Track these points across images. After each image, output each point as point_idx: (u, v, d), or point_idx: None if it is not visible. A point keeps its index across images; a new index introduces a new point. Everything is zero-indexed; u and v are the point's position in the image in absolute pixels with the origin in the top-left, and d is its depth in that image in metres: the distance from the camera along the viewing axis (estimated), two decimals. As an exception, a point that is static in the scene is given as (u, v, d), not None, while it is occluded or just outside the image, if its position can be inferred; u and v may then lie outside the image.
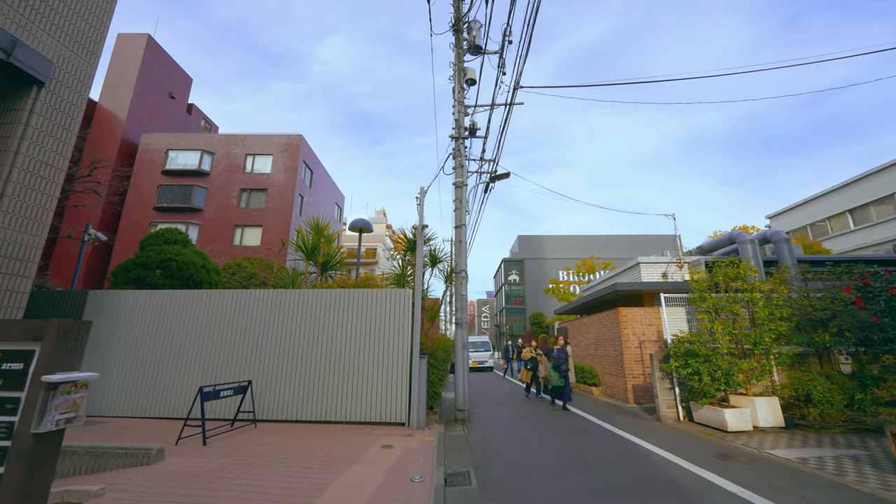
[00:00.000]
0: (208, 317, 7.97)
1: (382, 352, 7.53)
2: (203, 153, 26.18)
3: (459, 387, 8.23)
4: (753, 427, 6.54)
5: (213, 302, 8.05)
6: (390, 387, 7.37)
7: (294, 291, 7.91)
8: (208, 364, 7.73)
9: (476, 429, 7.38)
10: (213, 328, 7.90)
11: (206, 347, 7.81)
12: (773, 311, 6.77)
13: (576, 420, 8.00)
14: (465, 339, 8.51)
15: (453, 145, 9.59)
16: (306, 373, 7.50)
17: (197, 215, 25.04)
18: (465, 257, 8.89)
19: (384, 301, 7.77)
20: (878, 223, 18.10)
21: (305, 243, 9.23)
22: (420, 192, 8.32)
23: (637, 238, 39.18)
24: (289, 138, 27.20)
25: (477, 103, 9.78)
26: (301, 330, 7.71)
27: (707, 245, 11.83)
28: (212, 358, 7.76)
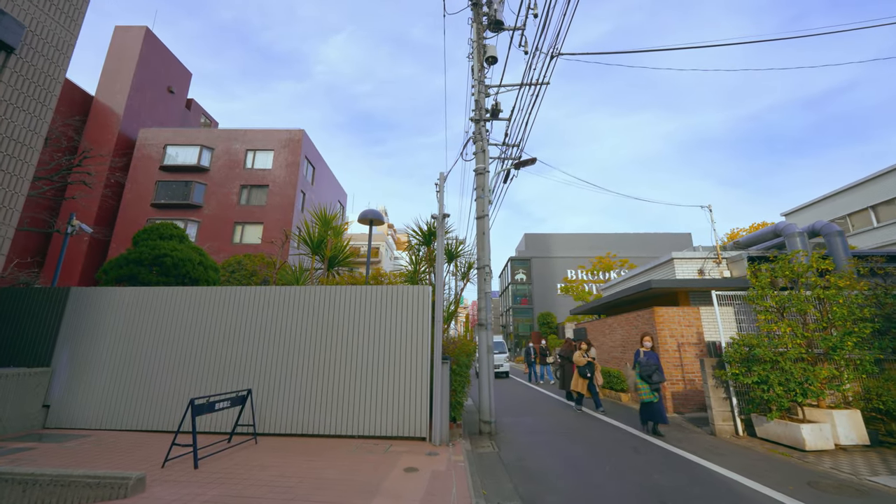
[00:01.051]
0: (203, 317, 7.10)
1: (399, 356, 6.65)
2: (202, 149, 25.36)
3: (484, 395, 7.34)
4: (835, 445, 5.64)
5: (208, 300, 7.18)
6: (409, 396, 6.48)
7: (299, 288, 7.03)
8: (203, 370, 6.85)
9: (506, 444, 6.48)
10: (209, 330, 7.02)
11: (201, 351, 6.93)
12: (853, 310, 5.87)
13: (618, 434, 7.09)
14: (489, 342, 7.62)
15: (473, 129, 8.71)
16: (313, 380, 6.62)
17: (196, 212, 24.20)
18: (488, 251, 8.00)
19: (400, 299, 6.89)
20: None
21: (311, 236, 8.35)
22: (440, 177, 7.44)
23: (646, 236, 38.23)
24: (290, 133, 26.37)
25: (502, 82, 8.88)
26: (307, 332, 6.83)
27: (745, 239, 10.92)
28: (207, 363, 6.87)
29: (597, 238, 37.76)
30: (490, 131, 8.81)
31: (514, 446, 6.36)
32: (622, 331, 11.32)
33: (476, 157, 8.51)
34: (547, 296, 35.98)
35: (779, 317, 6.45)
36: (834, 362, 5.90)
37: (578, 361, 9.24)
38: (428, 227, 8.71)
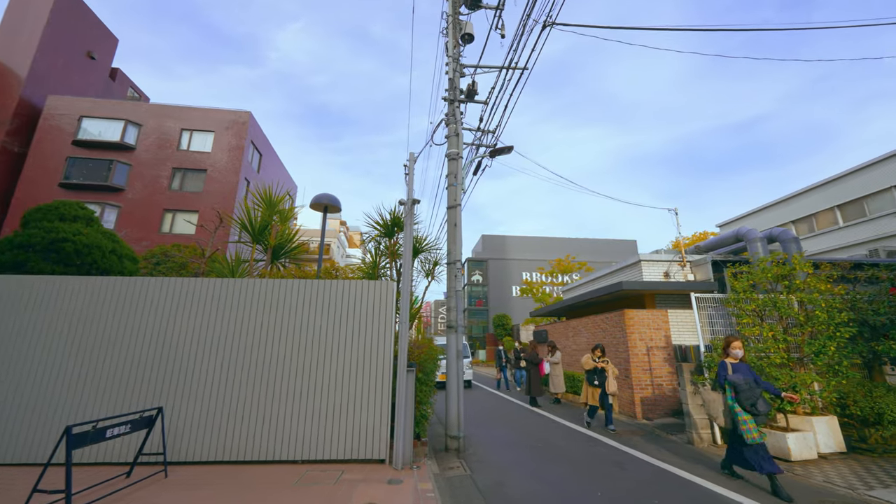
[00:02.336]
0: (97, 315, 5.60)
1: (356, 363, 5.62)
2: (128, 124, 22.30)
3: (452, 406, 6.50)
4: (818, 455, 5.45)
5: (104, 293, 5.69)
6: (367, 411, 5.48)
7: (232, 281, 5.77)
8: (94, 383, 5.37)
9: (479, 464, 5.67)
10: (105, 332, 5.54)
11: (92, 359, 5.45)
12: (833, 314, 5.78)
13: (596, 446, 6.55)
14: (459, 346, 6.79)
15: (446, 110, 7.88)
16: (247, 394, 5.40)
17: (117, 196, 21.17)
18: (459, 244, 7.19)
19: (359, 296, 5.87)
20: (845, 227, 18.84)
21: (252, 221, 7.04)
22: (409, 158, 6.51)
23: (596, 241, 39.61)
24: (235, 115, 23.99)
25: (479, 63, 8.12)
26: (242, 334, 5.60)
27: (706, 244, 11.06)
28: (100, 375, 5.40)
29: (551, 241, 38.47)
30: (464, 114, 8.02)
31: (488, 466, 5.57)
32: (588, 333, 11.01)
33: (448, 140, 7.68)
34: (502, 297, 35.98)
35: (758, 321, 6.27)
36: (815, 367, 5.77)
37: (586, 365, 7.97)
38: (391, 215, 7.73)
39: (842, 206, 20.28)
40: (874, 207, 18.92)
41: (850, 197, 19.59)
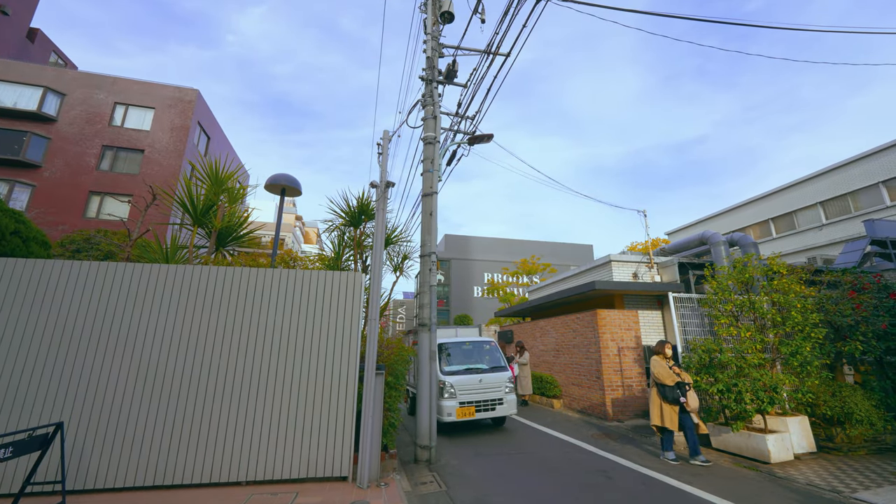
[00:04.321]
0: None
1: (317, 365, 4.86)
2: (47, 91, 19.54)
3: (423, 414, 5.86)
4: (794, 456, 5.42)
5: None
6: (328, 420, 4.73)
7: (161, 268, 4.79)
8: (-24, 393, 4.20)
9: (454, 477, 5.09)
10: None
11: (-24, 362, 4.26)
12: (807, 315, 5.82)
13: (572, 451, 6.20)
14: (433, 347, 6.18)
15: (423, 90, 7.25)
16: (177, 404, 4.47)
17: (30, 173, 18.41)
18: (434, 235, 6.58)
19: (322, 288, 5.10)
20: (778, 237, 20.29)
21: (194, 199, 6.00)
22: (384, 136, 5.82)
23: (555, 245, 40.53)
24: (180, 91, 21.82)
25: (460, 45, 7.56)
26: (172, 332, 4.64)
27: (671, 246, 11.26)
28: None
29: (512, 243, 38.81)
30: (442, 96, 7.44)
31: (465, 480, 5.00)
32: (556, 334, 10.81)
33: (425, 123, 7.06)
34: (464, 298, 35.72)
35: (734, 321, 6.24)
36: (790, 367, 5.78)
37: (662, 377, 5.62)
38: (359, 201, 6.96)
39: (775, 219, 22.02)
40: (802, 221, 20.67)
41: (781, 211, 21.33)
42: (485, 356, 8.26)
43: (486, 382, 7.44)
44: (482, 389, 7.37)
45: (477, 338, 8.95)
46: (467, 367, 7.74)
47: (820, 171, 19.85)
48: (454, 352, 8.04)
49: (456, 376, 7.38)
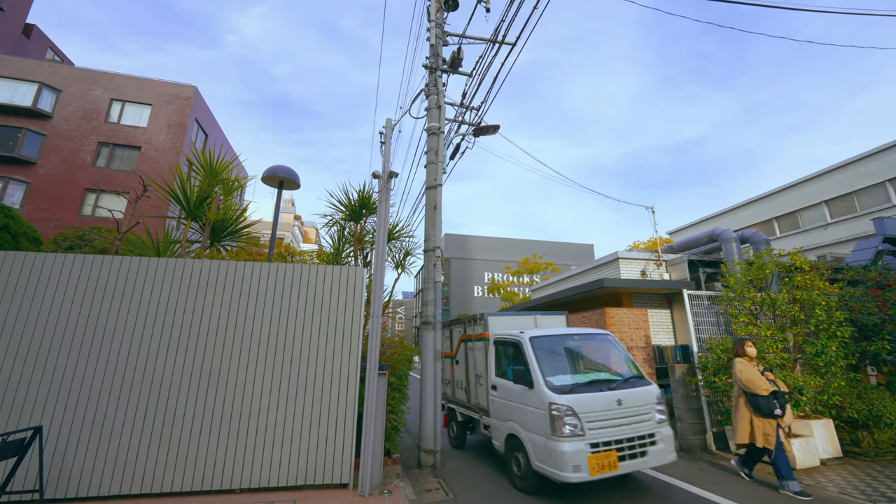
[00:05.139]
0: (-38, 301, 4.13)
1: (316, 365, 4.58)
2: (43, 87, 19.25)
3: (428, 417, 5.59)
4: (820, 461, 5.15)
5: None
6: (327, 424, 4.45)
7: (151, 261, 4.51)
8: (-50, 394, 3.91)
9: (462, 483, 4.81)
10: (-28, 323, 4.09)
11: (-50, 361, 3.98)
12: (832, 313, 5.56)
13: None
14: (437, 346, 5.91)
15: (427, 78, 6.98)
16: (168, 406, 4.18)
17: (25, 169, 18.12)
18: (439, 229, 6.32)
19: (321, 284, 4.82)
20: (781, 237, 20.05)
21: (187, 191, 5.72)
22: (386, 124, 5.55)
23: (557, 245, 40.27)
24: (178, 88, 21.56)
25: (465, 33, 7.29)
26: (163, 329, 4.36)
27: (679, 243, 11.00)
28: (-40, 382, 3.95)
29: (513, 243, 38.55)
30: (446, 85, 7.17)
31: (473, 487, 4.72)
32: (562, 333, 10.52)
33: (429, 113, 6.79)
34: (465, 297, 35.44)
35: (753, 319, 5.97)
36: (813, 368, 5.52)
37: (754, 385, 4.63)
38: (360, 194, 6.69)
39: (779, 218, 21.79)
40: (807, 220, 20.45)
41: (784, 210, 21.11)
42: (608, 359, 5.20)
43: (627, 405, 4.38)
44: (623, 417, 4.32)
45: (587, 329, 5.76)
46: (592, 380, 4.67)
47: (824, 169, 19.62)
48: (556, 350, 5.02)
49: (577, 395, 4.29)
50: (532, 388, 4.52)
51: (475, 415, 5.84)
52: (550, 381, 4.47)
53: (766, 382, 4.61)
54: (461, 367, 6.54)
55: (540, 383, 4.45)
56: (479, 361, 5.83)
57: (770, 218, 22.17)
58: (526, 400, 4.60)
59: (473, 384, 5.97)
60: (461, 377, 6.50)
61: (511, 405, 4.88)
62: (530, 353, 4.74)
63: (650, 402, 4.55)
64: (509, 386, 4.97)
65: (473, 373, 5.99)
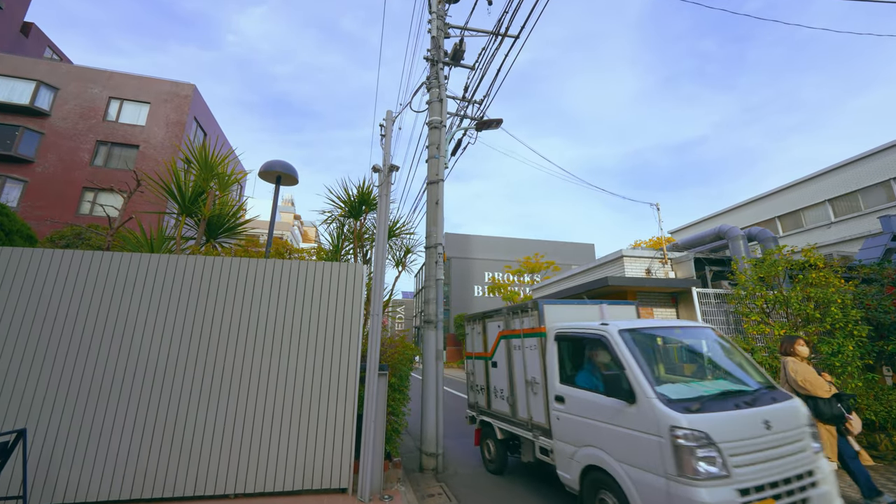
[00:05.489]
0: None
1: (313, 365, 4.41)
2: (41, 85, 19.10)
3: (429, 418, 5.43)
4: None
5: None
6: (325, 426, 4.28)
7: (144, 257, 4.35)
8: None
9: (466, 489, 4.65)
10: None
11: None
12: (847, 311, 5.39)
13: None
14: (438, 346, 5.74)
15: (428, 71, 6.82)
16: (161, 406, 4.02)
17: (23, 168, 17.98)
18: (440, 225, 6.15)
19: (320, 281, 4.66)
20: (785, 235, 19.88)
21: (182, 185, 5.55)
22: (387, 116, 5.39)
23: (557, 244, 40.11)
24: (176, 86, 21.40)
25: (466, 25, 7.13)
26: (155, 328, 4.20)
27: (685, 241, 10.83)
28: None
29: (513, 242, 38.39)
30: (448, 79, 7.01)
31: (477, 492, 4.56)
32: (565, 333, 10.33)
33: (430, 107, 6.62)
34: (465, 297, 35.29)
35: (766, 318, 5.81)
36: (828, 368, 5.35)
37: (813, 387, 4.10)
38: (359, 190, 6.53)
39: (781, 217, 21.61)
40: (810, 219, 20.28)
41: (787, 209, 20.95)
42: (726, 361, 3.95)
43: (777, 428, 3.13)
44: (775, 448, 3.07)
45: (686, 322, 5.06)
46: (722, 392, 3.43)
47: (826, 168, 19.45)
48: (657, 350, 4.08)
49: (710, 415, 3.03)
50: (633, 401, 3.20)
51: (525, 433, 4.59)
52: (663, 392, 3.16)
53: (826, 383, 4.08)
54: (501, 370, 5.25)
55: (648, 396, 3.11)
56: (532, 364, 4.59)
57: (772, 217, 21.99)
58: (622, 419, 3.28)
59: (522, 393, 4.72)
60: (501, 383, 5.22)
61: (592, 425, 3.58)
62: (626, 354, 3.43)
63: (801, 422, 3.25)
64: (588, 399, 3.68)
65: (521, 378, 4.75)
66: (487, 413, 5.56)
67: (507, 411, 5.04)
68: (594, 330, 3.90)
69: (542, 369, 4.39)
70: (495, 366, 5.45)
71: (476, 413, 5.87)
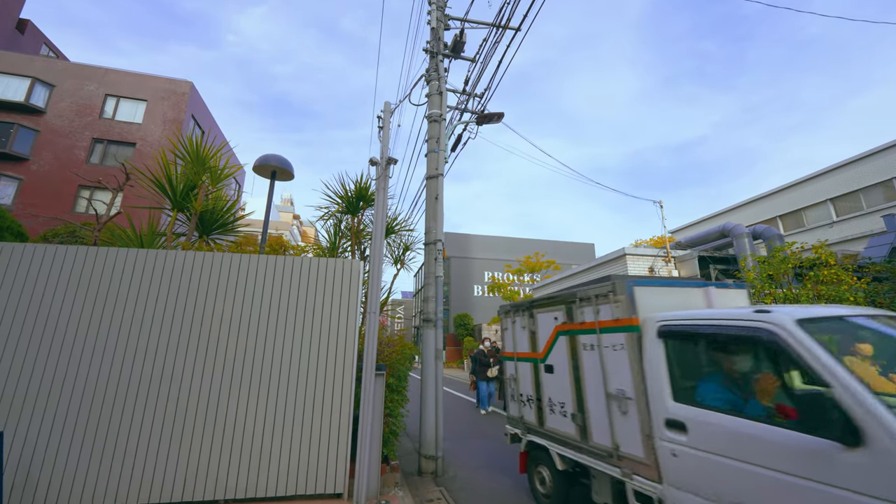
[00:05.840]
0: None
1: (307, 365, 4.24)
2: (36, 82, 18.90)
3: (429, 419, 5.26)
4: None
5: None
6: (319, 429, 4.11)
7: (131, 252, 4.18)
8: None
9: (466, 493, 4.49)
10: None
11: None
12: (859, 309, 5.23)
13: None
14: (438, 345, 5.57)
15: (427, 63, 6.65)
16: (148, 407, 3.84)
17: (18, 166, 17.79)
18: (440, 221, 5.99)
19: (315, 277, 4.49)
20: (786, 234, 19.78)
21: (173, 179, 5.38)
22: (385, 108, 5.22)
23: (557, 244, 39.96)
24: (173, 84, 21.20)
25: (466, 16, 6.96)
26: (142, 326, 4.02)
27: (688, 239, 10.67)
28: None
29: (513, 242, 38.25)
30: (448, 71, 6.84)
31: (478, 497, 4.39)
32: (566, 332, 10.16)
33: (430, 99, 6.45)
34: (464, 296, 35.14)
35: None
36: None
37: None
38: (357, 185, 6.35)
39: (783, 216, 21.48)
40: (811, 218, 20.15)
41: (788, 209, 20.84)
42: None
43: None
44: None
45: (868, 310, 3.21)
46: None
47: (828, 167, 19.31)
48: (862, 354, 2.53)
49: None
50: (858, 444, 1.95)
51: (605, 467, 3.39)
52: None
53: None
54: (561, 377, 4.01)
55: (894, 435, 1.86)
56: (617, 370, 3.31)
57: (774, 216, 21.87)
58: (831, 473, 2.03)
59: (600, 411, 3.47)
60: (561, 395, 3.99)
61: (752, 474, 2.34)
62: (830, 363, 2.15)
63: None
64: (743, 430, 2.43)
65: (598, 390, 3.50)
66: (539, 432, 4.32)
67: (573, 433, 3.79)
68: (748, 321, 2.59)
69: (638, 379, 3.12)
70: (550, 371, 4.21)
71: (520, 431, 4.64)
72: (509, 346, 5.10)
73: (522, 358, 4.73)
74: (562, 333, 4.07)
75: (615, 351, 3.37)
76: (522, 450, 4.56)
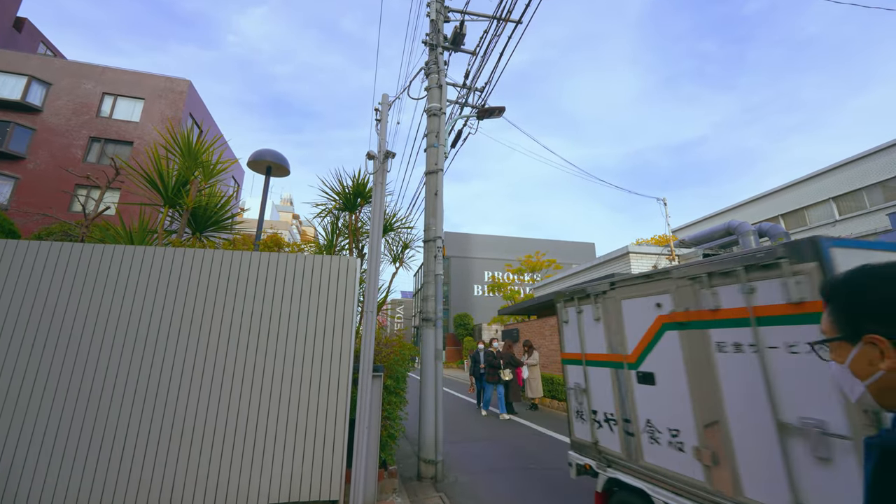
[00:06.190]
0: None
1: (301, 366, 4.07)
2: (32, 80, 18.74)
3: (428, 422, 5.08)
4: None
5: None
6: (314, 433, 3.94)
7: (118, 249, 4.01)
8: None
9: (467, 500, 4.31)
10: None
11: None
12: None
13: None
14: (438, 345, 5.40)
15: (427, 56, 6.48)
16: (134, 410, 3.67)
17: (14, 165, 17.64)
18: (440, 218, 5.82)
19: (310, 275, 4.32)
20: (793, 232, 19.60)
21: (163, 173, 5.21)
22: (383, 100, 5.05)
23: (558, 243, 39.81)
24: (171, 82, 21.04)
25: (466, 8, 6.79)
26: (129, 325, 3.85)
27: (692, 238, 10.50)
28: None
29: (513, 241, 38.10)
30: (448, 64, 6.67)
31: (477, 502, 4.22)
32: (568, 332, 9.98)
33: (429, 93, 6.29)
34: (464, 296, 34.98)
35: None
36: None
37: None
38: (355, 181, 6.18)
39: (785, 216, 21.33)
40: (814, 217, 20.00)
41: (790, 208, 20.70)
42: None
43: None
44: None
45: None
46: None
47: (831, 166, 19.17)
48: None
49: None
50: None
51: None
52: None
53: None
54: (673, 391, 2.78)
55: None
56: (802, 387, 2.08)
57: (776, 215, 21.73)
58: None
59: (758, 449, 2.24)
60: (676, 417, 2.76)
61: None
62: None
63: None
64: None
65: (763, 416, 2.21)
66: (628, 467, 3.12)
67: (700, 479, 2.56)
68: None
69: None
70: (648, 381, 3.01)
71: (594, 461, 3.46)
72: (571, 344, 3.86)
73: (595, 361, 3.56)
74: (670, 327, 2.84)
75: (794, 355, 2.12)
76: (599, 489, 3.33)
